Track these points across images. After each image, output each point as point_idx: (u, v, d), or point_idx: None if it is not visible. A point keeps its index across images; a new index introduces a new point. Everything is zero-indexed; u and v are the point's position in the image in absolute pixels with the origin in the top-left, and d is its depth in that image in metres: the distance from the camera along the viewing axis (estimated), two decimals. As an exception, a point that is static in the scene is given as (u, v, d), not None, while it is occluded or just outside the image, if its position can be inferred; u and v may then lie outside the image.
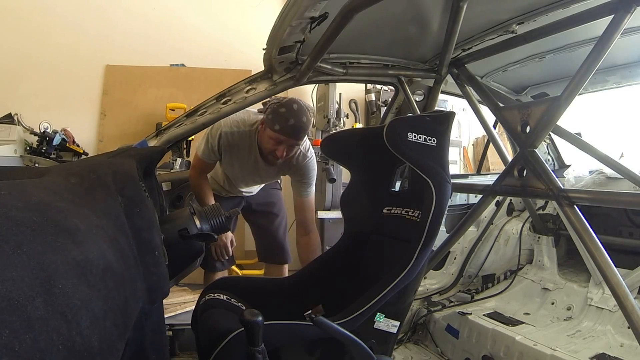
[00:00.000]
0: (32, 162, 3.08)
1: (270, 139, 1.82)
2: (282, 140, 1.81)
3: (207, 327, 1.18)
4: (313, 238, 2.07)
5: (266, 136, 1.84)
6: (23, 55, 3.84)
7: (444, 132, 1.31)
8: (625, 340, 1.81)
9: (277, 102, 1.81)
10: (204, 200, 2.07)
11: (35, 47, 3.87)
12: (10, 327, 0.30)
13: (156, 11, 4.27)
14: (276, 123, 1.78)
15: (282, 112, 1.77)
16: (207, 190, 2.09)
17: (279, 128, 1.77)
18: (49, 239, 0.41)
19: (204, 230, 1.06)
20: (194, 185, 2.11)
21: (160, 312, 0.78)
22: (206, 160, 2.05)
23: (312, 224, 2.11)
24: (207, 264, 2.21)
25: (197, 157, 2.09)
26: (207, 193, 2.09)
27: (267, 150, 1.89)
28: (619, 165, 1.95)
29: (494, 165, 4.57)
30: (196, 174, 2.11)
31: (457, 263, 2.56)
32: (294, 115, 1.77)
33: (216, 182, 2.32)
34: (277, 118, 1.78)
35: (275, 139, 1.80)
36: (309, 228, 2.08)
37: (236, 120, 1.99)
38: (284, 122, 1.76)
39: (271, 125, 1.79)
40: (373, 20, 1.51)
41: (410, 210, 1.36)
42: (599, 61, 1.34)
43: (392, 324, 1.29)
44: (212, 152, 2.03)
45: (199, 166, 2.10)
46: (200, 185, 2.09)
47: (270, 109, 1.82)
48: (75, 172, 0.67)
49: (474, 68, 1.96)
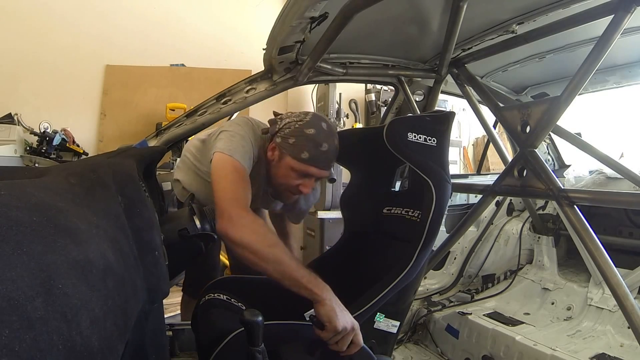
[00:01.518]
0: (32, 162, 3.08)
1: (292, 171, 1.31)
2: (312, 174, 1.32)
3: (207, 327, 1.18)
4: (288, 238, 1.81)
5: (285, 167, 1.32)
6: (23, 55, 3.84)
7: (444, 132, 1.31)
8: (625, 340, 1.81)
9: (297, 119, 1.32)
10: (295, 267, 1.08)
11: (35, 47, 3.87)
12: (10, 327, 0.30)
13: (156, 11, 4.27)
14: (304, 150, 1.28)
15: (310, 135, 1.28)
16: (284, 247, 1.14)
17: (308, 157, 1.28)
18: (49, 239, 0.41)
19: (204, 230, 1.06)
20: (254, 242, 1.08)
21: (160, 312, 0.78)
22: (247, 168, 1.29)
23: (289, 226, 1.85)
24: (192, 290, 1.79)
25: (230, 168, 1.23)
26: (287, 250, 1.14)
27: (284, 185, 1.36)
28: (619, 165, 1.95)
29: (494, 165, 4.57)
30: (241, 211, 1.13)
31: (457, 263, 2.56)
32: (325, 137, 1.29)
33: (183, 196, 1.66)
34: (305, 143, 1.28)
35: (302, 171, 1.31)
36: (286, 230, 1.83)
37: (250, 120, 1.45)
38: (315, 148, 1.28)
39: (295, 153, 1.29)
40: (373, 20, 1.51)
41: (410, 210, 1.36)
42: (599, 61, 1.34)
43: (392, 324, 1.29)
44: (249, 157, 1.32)
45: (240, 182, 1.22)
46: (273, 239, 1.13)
47: (288, 129, 1.31)
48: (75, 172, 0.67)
49: (474, 68, 1.96)
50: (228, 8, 4.55)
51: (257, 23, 4.23)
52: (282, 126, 1.34)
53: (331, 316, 1.01)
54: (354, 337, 1.06)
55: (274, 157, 1.35)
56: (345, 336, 1.04)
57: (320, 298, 1.03)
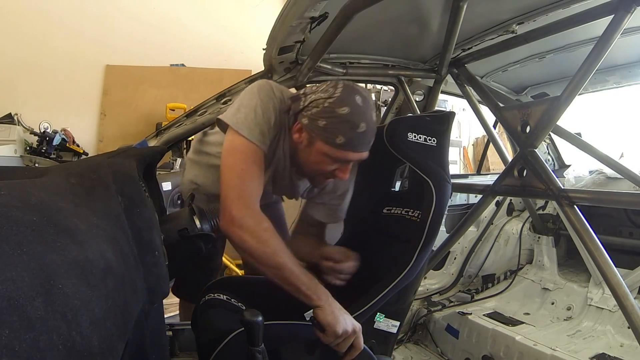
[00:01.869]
0: (32, 162, 3.08)
1: (325, 157, 1.12)
2: (349, 159, 1.13)
3: (207, 327, 1.18)
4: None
5: (317, 153, 1.13)
6: (23, 56, 3.84)
7: (444, 132, 1.31)
8: (625, 340, 1.81)
9: (326, 95, 1.09)
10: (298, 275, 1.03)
11: (35, 47, 3.87)
12: (11, 327, 0.30)
13: (156, 11, 4.28)
14: (338, 134, 1.08)
15: (344, 116, 1.07)
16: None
17: (344, 142, 1.08)
18: (49, 239, 0.41)
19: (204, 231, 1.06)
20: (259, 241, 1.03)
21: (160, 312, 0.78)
22: (261, 147, 1.12)
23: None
24: (187, 292, 1.65)
25: (239, 155, 1.10)
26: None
27: (316, 171, 1.19)
28: (619, 165, 1.96)
29: (494, 165, 4.57)
30: (245, 210, 1.05)
31: (457, 263, 2.56)
32: (362, 115, 1.08)
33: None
34: (339, 125, 1.07)
35: (338, 157, 1.12)
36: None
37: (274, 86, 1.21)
38: (351, 130, 1.08)
39: (328, 138, 1.09)
40: (373, 20, 1.51)
41: (410, 210, 1.36)
42: (599, 61, 1.34)
43: (392, 324, 1.29)
44: (268, 127, 1.13)
45: (249, 173, 1.09)
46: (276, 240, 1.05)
47: (316, 108, 1.09)
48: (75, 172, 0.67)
49: (474, 68, 1.97)
50: (228, 8, 4.55)
51: (257, 23, 4.23)
52: (307, 104, 1.11)
53: (330, 321, 1.01)
54: (354, 341, 1.05)
55: (302, 141, 1.15)
56: (345, 339, 1.03)
57: (319, 304, 1.02)
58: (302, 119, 1.13)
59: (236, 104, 1.18)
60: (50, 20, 3.91)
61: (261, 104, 1.14)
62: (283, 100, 1.19)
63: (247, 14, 4.54)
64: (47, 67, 3.93)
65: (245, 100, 1.16)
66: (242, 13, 4.57)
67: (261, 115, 1.13)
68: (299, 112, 1.14)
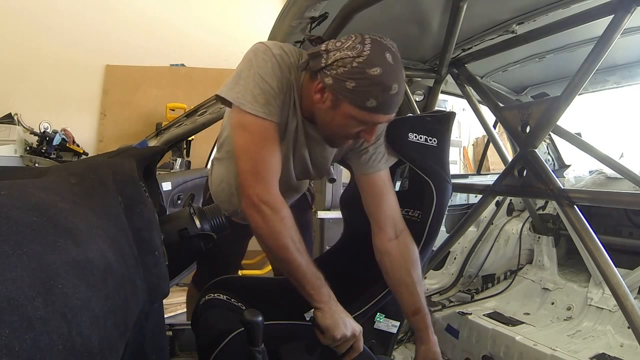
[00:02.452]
0: (32, 162, 3.08)
1: (352, 119, 1.03)
2: (379, 121, 1.05)
3: (207, 327, 1.18)
4: (409, 242, 1.21)
5: (343, 115, 1.03)
6: (23, 55, 3.84)
7: (445, 132, 1.31)
8: (625, 340, 1.81)
9: (354, 53, 0.96)
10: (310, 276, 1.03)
11: (35, 47, 3.88)
12: (11, 327, 0.30)
13: (156, 12, 4.28)
14: (369, 97, 0.97)
15: (376, 77, 0.95)
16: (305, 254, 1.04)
17: (376, 105, 0.98)
18: (49, 239, 0.41)
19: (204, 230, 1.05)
20: (274, 232, 1.02)
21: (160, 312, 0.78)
22: (270, 120, 1.04)
23: (401, 217, 1.25)
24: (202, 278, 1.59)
25: (244, 126, 1.03)
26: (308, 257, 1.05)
27: (339, 133, 1.09)
28: (619, 165, 1.96)
29: (494, 165, 4.58)
30: (264, 194, 1.02)
31: (457, 263, 2.56)
32: (395, 75, 0.97)
33: (222, 191, 1.39)
34: (371, 88, 0.97)
35: (367, 120, 1.03)
36: (399, 226, 1.22)
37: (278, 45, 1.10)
38: (384, 92, 0.97)
39: (358, 101, 0.99)
40: (373, 20, 1.51)
41: (410, 210, 1.36)
42: (599, 61, 1.34)
43: (392, 324, 1.29)
44: (273, 94, 1.04)
45: (262, 152, 1.03)
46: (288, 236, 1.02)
47: (343, 68, 0.97)
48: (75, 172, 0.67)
49: (474, 68, 1.96)
50: (228, 8, 4.56)
51: (257, 23, 4.23)
52: (331, 62, 0.99)
53: (329, 325, 1.00)
54: (354, 343, 1.04)
55: (324, 101, 1.04)
56: (344, 342, 1.02)
57: (320, 306, 1.01)
58: (324, 79, 1.00)
59: (234, 75, 1.08)
60: (51, 21, 3.91)
61: (259, 70, 1.03)
62: (284, 56, 1.07)
63: (247, 14, 4.55)
64: (47, 67, 3.93)
65: (242, 70, 1.06)
66: (242, 13, 4.57)
67: (263, 83, 1.03)
68: (320, 70, 1.01)
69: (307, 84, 1.08)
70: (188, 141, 3.84)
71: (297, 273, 1.01)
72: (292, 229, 1.03)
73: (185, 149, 3.89)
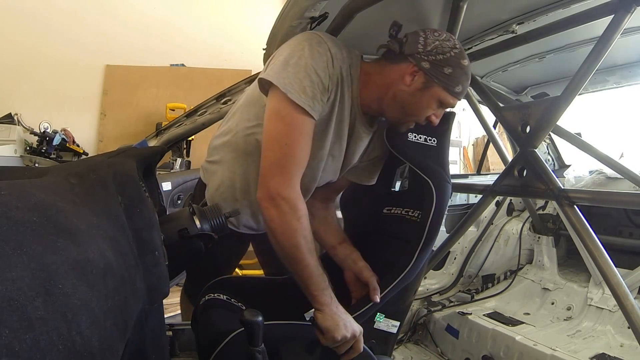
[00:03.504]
0: (32, 162, 3.08)
1: (436, 101, 1.12)
2: (453, 105, 1.16)
3: (207, 327, 1.18)
4: (330, 205, 1.44)
5: (431, 97, 1.10)
6: (23, 55, 3.84)
7: (445, 132, 1.31)
8: (625, 340, 1.82)
9: (451, 45, 1.09)
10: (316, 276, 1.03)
11: (35, 47, 3.87)
12: (11, 327, 0.30)
13: (156, 11, 4.28)
14: (459, 83, 1.10)
15: (466, 67, 1.11)
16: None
17: (461, 91, 1.12)
18: (49, 239, 0.41)
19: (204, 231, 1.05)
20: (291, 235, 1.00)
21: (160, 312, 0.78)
22: (311, 115, 1.02)
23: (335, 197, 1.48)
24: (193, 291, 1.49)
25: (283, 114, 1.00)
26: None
27: (414, 116, 1.15)
28: (619, 165, 1.96)
29: (494, 165, 4.58)
30: (285, 190, 1.00)
31: (457, 263, 2.56)
32: (470, 67, 1.15)
33: (221, 195, 1.29)
34: (461, 76, 1.10)
35: (448, 104, 1.14)
36: (330, 200, 1.43)
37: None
38: (467, 81, 1.14)
39: (451, 86, 1.09)
40: (373, 20, 1.51)
41: (410, 210, 1.36)
42: (599, 61, 1.34)
43: (392, 324, 1.29)
44: (321, 93, 1.03)
45: (295, 146, 1.01)
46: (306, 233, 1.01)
47: (442, 55, 1.07)
48: (75, 172, 0.67)
49: (474, 68, 1.96)
50: (228, 8, 4.56)
51: (257, 23, 4.23)
52: (429, 48, 1.07)
53: (329, 326, 1.00)
54: (353, 344, 1.04)
55: (414, 84, 1.09)
56: (344, 343, 1.03)
57: (321, 308, 1.02)
58: (421, 62, 1.07)
59: (280, 59, 1.02)
60: (51, 21, 3.91)
61: (313, 62, 1.01)
62: (337, 51, 1.08)
63: (247, 14, 4.55)
64: (47, 67, 3.93)
65: (292, 56, 1.01)
66: (242, 13, 4.57)
67: (315, 76, 1.00)
68: (413, 54, 1.08)
69: (377, 69, 1.16)
70: (188, 141, 3.84)
71: (304, 273, 1.01)
72: (307, 228, 1.02)
73: (185, 149, 3.89)
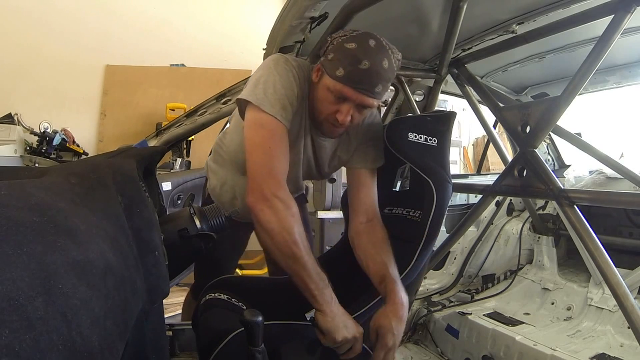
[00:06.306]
0: (32, 162, 3.08)
1: (328, 92, 1.11)
2: (347, 96, 1.10)
3: (207, 327, 1.18)
4: (377, 225, 1.29)
5: (323, 88, 1.13)
6: (23, 55, 3.84)
7: (445, 132, 1.31)
8: (625, 340, 1.81)
9: (343, 34, 1.12)
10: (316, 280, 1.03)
11: (35, 47, 3.87)
12: (11, 327, 0.30)
13: (156, 11, 4.28)
14: (339, 66, 1.08)
15: (349, 50, 1.07)
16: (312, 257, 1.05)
17: (342, 75, 1.07)
18: (49, 239, 0.41)
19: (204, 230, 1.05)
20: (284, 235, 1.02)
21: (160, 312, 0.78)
22: (284, 123, 1.12)
23: (376, 208, 1.34)
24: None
25: (263, 132, 1.09)
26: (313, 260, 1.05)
27: (322, 112, 1.17)
28: (619, 165, 1.95)
29: (494, 165, 4.58)
30: (277, 190, 1.05)
31: (457, 263, 2.56)
32: (368, 54, 1.06)
33: (225, 193, 1.44)
34: (342, 58, 1.08)
35: (337, 92, 1.10)
36: (370, 214, 1.31)
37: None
38: (352, 64, 1.06)
39: (332, 70, 1.09)
40: (373, 20, 1.51)
41: (411, 210, 1.36)
42: (599, 61, 1.34)
43: (392, 324, 1.28)
44: (289, 101, 1.14)
45: (276, 150, 1.09)
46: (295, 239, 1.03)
47: (332, 45, 1.12)
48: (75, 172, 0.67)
49: (474, 68, 1.96)
50: (228, 8, 4.56)
51: (256, 23, 4.23)
52: (326, 44, 1.14)
53: (329, 327, 1.00)
54: (353, 345, 1.04)
55: (316, 79, 1.16)
56: (345, 344, 1.03)
57: (321, 308, 1.02)
58: (321, 59, 1.15)
59: (252, 80, 1.15)
60: (51, 21, 3.91)
61: (280, 78, 1.13)
62: (300, 69, 1.18)
63: (247, 14, 4.55)
64: (47, 67, 3.93)
65: (262, 75, 1.14)
66: (242, 13, 4.57)
67: (281, 90, 1.12)
68: (324, 53, 1.15)
69: (313, 89, 1.19)
70: (188, 141, 3.84)
71: (303, 272, 1.01)
72: (301, 226, 1.05)
73: (185, 149, 3.89)
